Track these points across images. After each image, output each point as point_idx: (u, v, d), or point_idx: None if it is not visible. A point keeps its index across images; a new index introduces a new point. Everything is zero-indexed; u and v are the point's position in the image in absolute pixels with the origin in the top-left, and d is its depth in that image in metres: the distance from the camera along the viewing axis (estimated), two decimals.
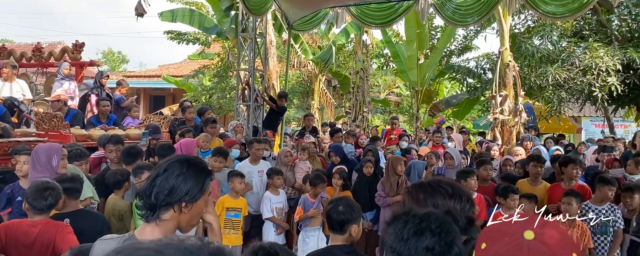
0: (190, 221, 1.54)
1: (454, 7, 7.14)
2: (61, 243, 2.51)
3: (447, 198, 1.44)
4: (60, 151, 3.37)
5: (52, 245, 2.53)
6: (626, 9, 9.94)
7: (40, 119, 5.65)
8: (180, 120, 7.23)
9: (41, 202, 2.63)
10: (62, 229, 2.62)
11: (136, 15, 7.15)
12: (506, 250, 1.08)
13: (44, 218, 2.66)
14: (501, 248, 1.09)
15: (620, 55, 9.19)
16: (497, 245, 1.10)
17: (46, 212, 2.68)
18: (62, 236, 2.54)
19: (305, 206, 4.64)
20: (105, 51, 35.52)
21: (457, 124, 18.54)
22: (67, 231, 2.62)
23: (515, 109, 9.47)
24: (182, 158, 1.54)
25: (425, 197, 1.46)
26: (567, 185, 4.48)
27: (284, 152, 5.73)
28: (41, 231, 2.58)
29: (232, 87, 14.70)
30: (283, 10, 8.14)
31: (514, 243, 1.08)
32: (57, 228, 2.61)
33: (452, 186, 1.51)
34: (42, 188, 2.66)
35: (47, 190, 2.66)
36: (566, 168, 4.55)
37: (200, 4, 14.77)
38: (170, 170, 1.48)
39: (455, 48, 15.43)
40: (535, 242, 1.07)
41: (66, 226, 2.67)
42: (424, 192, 1.48)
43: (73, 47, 8.60)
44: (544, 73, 9.48)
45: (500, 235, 1.12)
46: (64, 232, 2.59)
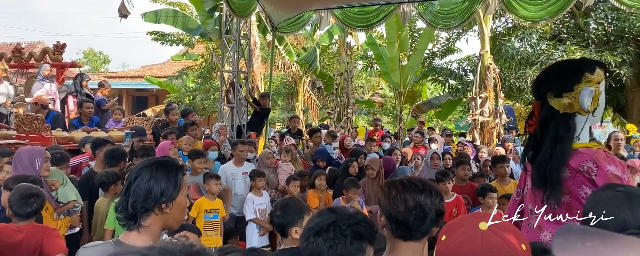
0: (176, 218, 1.57)
1: (436, 11, 7.26)
2: (49, 247, 2.50)
3: (417, 194, 1.53)
4: (43, 154, 3.36)
5: (39, 249, 2.52)
6: (602, 12, 10.22)
7: (21, 121, 5.59)
8: (163, 121, 7.20)
9: (25, 209, 2.61)
10: (50, 233, 2.60)
11: (120, 16, 7.10)
12: (462, 239, 1.18)
13: (28, 223, 2.64)
14: (458, 238, 1.19)
15: (596, 57, 9.44)
16: (455, 236, 1.20)
17: (30, 218, 2.66)
18: (50, 240, 2.53)
19: None
20: (86, 51, 35.04)
21: (440, 125, 18.76)
22: (54, 235, 2.61)
23: (496, 111, 9.66)
24: (149, 162, 1.55)
25: (397, 194, 1.54)
26: None
27: (265, 154, 5.76)
28: (27, 236, 2.56)
29: (216, 88, 14.66)
30: (267, 12, 8.16)
31: (470, 232, 1.18)
32: (44, 231, 2.60)
33: (422, 182, 1.59)
34: (27, 194, 2.64)
35: (32, 196, 2.64)
36: None
37: (183, 5, 14.69)
38: (141, 176, 1.49)
39: (438, 50, 15.63)
40: (488, 232, 1.16)
41: (53, 229, 2.66)
42: (395, 189, 1.55)
43: (54, 47, 8.50)
44: (523, 75, 9.70)
45: (458, 227, 1.22)
46: (52, 236, 2.58)
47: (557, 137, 2.32)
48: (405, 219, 1.51)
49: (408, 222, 1.51)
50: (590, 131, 2.48)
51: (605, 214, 1.33)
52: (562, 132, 2.31)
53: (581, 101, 2.29)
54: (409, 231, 1.52)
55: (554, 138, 2.33)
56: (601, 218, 1.34)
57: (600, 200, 1.39)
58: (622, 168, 2.17)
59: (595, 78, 2.31)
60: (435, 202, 1.53)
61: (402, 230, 1.53)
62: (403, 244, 1.54)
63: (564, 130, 2.31)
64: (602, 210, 1.35)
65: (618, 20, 9.90)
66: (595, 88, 2.29)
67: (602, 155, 2.22)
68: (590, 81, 2.30)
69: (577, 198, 2.21)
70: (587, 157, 2.22)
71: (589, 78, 2.30)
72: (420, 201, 1.52)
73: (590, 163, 2.19)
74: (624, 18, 9.71)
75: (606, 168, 2.16)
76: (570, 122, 2.30)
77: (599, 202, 1.39)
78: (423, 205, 1.51)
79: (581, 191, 2.20)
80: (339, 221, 1.47)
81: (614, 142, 6.16)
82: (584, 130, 2.35)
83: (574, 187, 2.22)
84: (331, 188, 5.44)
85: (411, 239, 1.53)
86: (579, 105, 2.29)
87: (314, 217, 1.53)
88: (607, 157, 2.22)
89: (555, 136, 2.32)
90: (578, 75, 2.32)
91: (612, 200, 1.36)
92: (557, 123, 2.33)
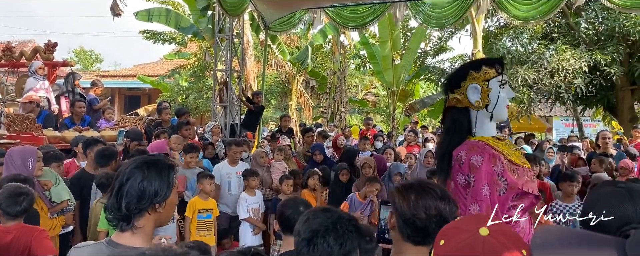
0: (167, 215, 1.57)
1: (428, 10, 7.29)
2: (37, 248, 2.49)
3: (438, 200, 1.49)
4: (36, 153, 3.34)
5: (28, 250, 2.50)
6: (593, 12, 10.30)
7: (12, 121, 5.55)
8: (156, 121, 7.17)
9: (15, 208, 2.60)
10: (38, 234, 2.58)
11: (112, 15, 7.07)
12: (463, 245, 1.15)
13: (17, 224, 2.62)
14: (458, 244, 1.16)
15: (587, 57, 9.52)
16: (454, 241, 1.17)
17: (20, 217, 2.65)
18: (39, 241, 2.51)
19: (352, 205, 4.67)
20: (77, 50, 34.77)
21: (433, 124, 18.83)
22: (43, 236, 2.59)
23: None
24: (140, 161, 1.53)
25: (417, 198, 1.50)
26: None
27: (258, 154, 5.76)
28: (16, 237, 2.54)
29: (208, 87, 14.63)
30: (259, 11, 8.16)
31: (470, 238, 1.15)
32: (32, 233, 2.58)
33: (440, 188, 1.56)
34: (16, 193, 2.63)
35: (21, 195, 2.63)
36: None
37: (176, 4, 14.64)
38: (133, 177, 1.47)
39: (430, 49, 15.68)
40: (489, 238, 1.13)
41: (42, 230, 2.64)
42: (415, 193, 1.51)
43: (45, 46, 8.43)
44: (514, 74, 9.75)
45: (457, 232, 1.19)
46: (40, 237, 2.56)
47: (446, 129, 2.61)
48: (426, 226, 1.48)
49: (428, 229, 1.47)
50: (510, 127, 2.72)
51: (606, 211, 1.31)
52: (448, 124, 2.59)
53: (468, 97, 2.50)
54: (427, 238, 1.49)
55: (444, 130, 2.64)
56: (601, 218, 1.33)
57: (601, 197, 1.38)
58: (486, 159, 2.34)
59: (481, 76, 2.50)
60: (453, 209, 1.51)
61: (420, 236, 1.50)
62: (413, 248, 1.52)
63: (450, 123, 2.57)
64: (603, 207, 1.33)
65: (608, 19, 9.98)
66: (482, 85, 2.49)
67: (476, 146, 2.40)
68: (475, 78, 2.50)
69: (457, 184, 2.43)
70: (464, 148, 2.42)
71: (473, 76, 2.51)
72: (441, 209, 1.48)
73: (462, 153, 2.40)
74: (614, 17, 9.79)
75: (470, 159, 2.36)
76: (457, 116, 2.54)
77: (599, 199, 1.38)
78: (443, 213, 1.48)
79: (458, 177, 2.42)
80: (341, 219, 1.48)
81: (602, 140, 6.24)
82: (480, 124, 2.52)
83: (454, 173, 2.45)
84: (325, 186, 5.46)
85: (421, 244, 1.51)
86: (468, 100, 2.50)
87: (311, 219, 1.50)
88: (479, 148, 2.39)
89: (445, 128, 2.62)
90: (463, 73, 2.56)
91: (613, 196, 1.35)
92: (448, 117, 2.60)
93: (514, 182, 2.32)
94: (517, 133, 12.39)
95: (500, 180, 2.32)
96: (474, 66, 2.57)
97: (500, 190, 2.31)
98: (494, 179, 2.32)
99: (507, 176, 2.32)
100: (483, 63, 2.56)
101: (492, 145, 2.41)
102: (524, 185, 2.36)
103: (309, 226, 1.48)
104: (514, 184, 2.31)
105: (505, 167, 2.34)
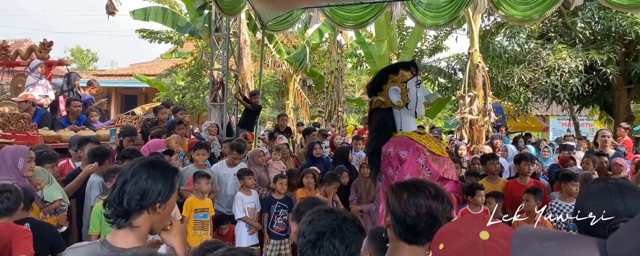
0: (162, 220, 1.57)
1: (424, 9, 7.29)
2: (16, 248, 2.43)
3: (430, 199, 1.49)
4: (27, 153, 3.31)
5: (8, 249, 2.45)
6: (589, 11, 10.32)
7: (7, 120, 5.51)
8: (152, 120, 7.14)
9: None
10: (19, 234, 2.52)
11: (107, 13, 7.05)
12: (464, 250, 1.13)
13: (3, 222, 2.57)
14: (459, 249, 1.14)
15: (583, 56, 9.54)
16: (455, 246, 1.15)
17: (5, 216, 2.60)
18: (18, 241, 2.46)
19: None
20: (73, 49, 34.66)
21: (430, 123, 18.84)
22: (24, 236, 2.53)
23: (484, 109, 9.72)
24: (146, 161, 1.55)
25: (409, 196, 1.51)
26: (522, 181, 4.67)
27: (256, 153, 5.74)
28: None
29: (205, 87, 14.59)
30: (256, 10, 8.13)
31: (471, 243, 1.13)
32: (13, 232, 2.52)
33: (434, 187, 1.55)
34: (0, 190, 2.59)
35: (4, 192, 2.59)
36: (519, 164, 4.77)
37: (173, 3, 14.60)
38: (138, 174, 1.49)
39: (427, 48, 15.69)
40: (490, 242, 1.12)
41: (25, 230, 2.59)
42: (407, 191, 1.52)
43: (41, 45, 8.37)
44: (511, 73, 9.76)
45: (457, 236, 1.17)
46: (21, 237, 2.50)
47: (373, 128, 2.90)
48: (416, 224, 1.48)
49: (418, 228, 1.48)
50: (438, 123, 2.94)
51: (597, 206, 1.33)
52: (375, 124, 2.88)
53: (390, 98, 2.79)
54: (417, 237, 1.49)
55: (372, 129, 2.93)
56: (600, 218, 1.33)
57: (591, 192, 1.40)
58: (411, 153, 2.63)
59: (399, 78, 2.79)
60: (446, 209, 1.50)
61: (410, 234, 1.50)
62: (407, 247, 1.52)
63: (376, 122, 2.86)
64: (594, 202, 1.35)
65: (605, 19, 10.00)
66: (401, 86, 2.78)
67: (402, 142, 2.68)
68: (394, 81, 2.79)
69: (387, 176, 2.72)
70: (392, 143, 2.70)
71: (393, 79, 2.80)
72: (432, 207, 1.48)
73: (391, 148, 2.68)
74: (610, 17, 9.81)
75: (398, 153, 2.64)
76: (382, 116, 2.83)
77: (590, 194, 1.39)
78: (435, 211, 1.48)
79: (388, 171, 2.70)
80: (346, 221, 1.47)
81: (601, 138, 6.27)
82: (404, 121, 2.83)
83: (384, 167, 2.73)
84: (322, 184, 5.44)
85: (416, 244, 1.51)
86: (390, 101, 2.78)
87: (315, 220, 1.48)
88: (404, 143, 2.68)
89: (373, 127, 2.91)
90: (384, 77, 2.84)
91: (604, 192, 1.37)
92: (374, 117, 2.89)
93: (436, 170, 2.63)
94: (514, 133, 12.41)
95: (424, 170, 2.62)
96: (392, 70, 2.85)
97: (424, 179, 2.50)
98: (418, 169, 2.61)
99: (430, 166, 2.63)
100: (400, 67, 2.86)
101: (416, 140, 2.70)
102: (445, 173, 2.68)
103: (313, 227, 1.45)
104: (436, 173, 2.62)
105: (428, 158, 2.64)
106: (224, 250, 1.60)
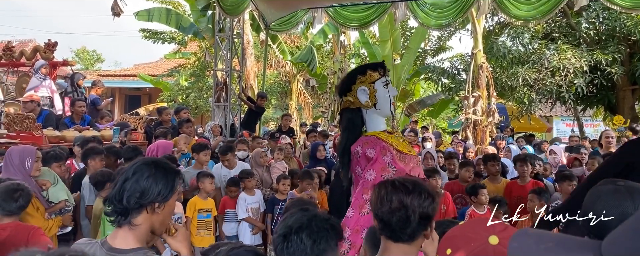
0: (163, 222, 1.57)
1: (427, 9, 7.28)
2: (36, 246, 2.47)
3: (404, 194, 1.51)
4: (34, 153, 3.33)
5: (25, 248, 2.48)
6: (594, 12, 10.28)
7: (12, 120, 5.54)
8: (156, 120, 7.16)
9: (11, 204, 2.59)
10: (35, 232, 2.57)
11: (113, 15, 7.06)
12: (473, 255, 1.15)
13: (13, 221, 2.61)
14: (469, 254, 1.15)
15: (588, 57, 9.50)
16: (464, 251, 1.16)
17: (16, 215, 2.64)
18: (36, 238, 2.50)
19: None
20: (78, 49, 34.76)
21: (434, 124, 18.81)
22: (40, 233, 2.57)
23: (488, 109, 9.71)
24: (149, 160, 1.57)
25: (385, 193, 1.54)
26: (522, 181, 4.67)
27: (258, 153, 5.75)
28: (11, 235, 2.51)
29: (209, 87, 14.61)
30: (260, 10, 8.15)
31: (480, 248, 1.14)
32: (29, 231, 2.56)
33: (415, 183, 1.57)
34: (12, 189, 2.62)
35: (17, 191, 2.62)
36: (519, 166, 4.77)
37: (176, 4, 14.62)
38: (139, 172, 1.49)
39: (430, 49, 15.66)
40: (500, 247, 1.13)
41: (38, 229, 2.63)
42: (385, 189, 1.55)
43: (45, 46, 8.43)
44: (515, 73, 9.73)
45: (466, 241, 1.18)
46: (37, 235, 2.54)
47: (343, 128, 3.02)
48: (388, 220, 1.51)
49: (391, 223, 1.50)
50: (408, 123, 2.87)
51: (606, 209, 1.32)
52: (344, 124, 2.99)
53: (359, 98, 2.87)
54: (394, 233, 1.51)
55: (342, 129, 3.04)
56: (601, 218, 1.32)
57: (601, 195, 1.38)
58: (378, 151, 2.72)
59: (367, 78, 2.89)
60: (423, 204, 1.50)
61: (386, 230, 1.53)
62: (394, 245, 1.53)
63: (346, 122, 2.97)
64: (603, 205, 1.34)
65: (609, 19, 9.96)
66: (369, 87, 2.87)
67: (369, 141, 2.78)
68: (362, 81, 2.88)
69: (356, 175, 2.82)
70: (360, 143, 2.80)
71: (361, 79, 2.89)
72: (406, 202, 1.50)
73: (359, 148, 2.78)
74: (615, 17, 9.78)
75: (366, 152, 2.74)
76: (351, 116, 2.94)
77: (600, 197, 1.38)
78: (408, 206, 1.49)
79: (356, 169, 2.81)
80: (316, 217, 1.48)
81: (605, 139, 6.22)
82: (372, 121, 2.94)
83: (353, 166, 2.84)
84: (327, 184, 5.45)
85: (400, 241, 1.52)
86: (359, 101, 2.87)
87: (288, 217, 1.51)
88: (371, 142, 2.76)
89: (343, 127, 3.02)
90: (353, 78, 2.94)
91: (613, 194, 1.35)
92: (344, 117, 3.00)
93: (402, 168, 2.72)
94: (518, 133, 12.37)
95: (389, 168, 2.70)
96: (360, 71, 2.96)
97: (389, 176, 2.60)
98: (384, 167, 2.70)
99: (396, 164, 2.71)
100: (368, 68, 2.96)
101: (383, 138, 2.79)
102: (412, 170, 2.76)
103: (285, 223, 1.49)
104: (402, 170, 2.70)
105: (394, 156, 2.73)
106: (228, 248, 1.62)
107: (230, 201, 4.83)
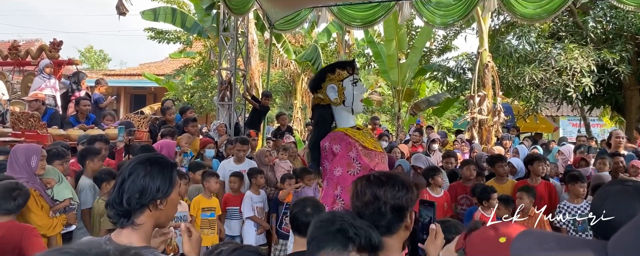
0: (168, 216, 1.57)
1: (433, 8, 7.24)
2: (28, 246, 2.44)
3: (377, 187, 1.54)
4: (40, 152, 3.33)
5: (18, 248, 2.46)
6: (601, 10, 10.19)
7: (17, 119, 5.55)
8: (161, 119, 7.17)
9: (9, 203, 2.58)
10: (29, 232, 2.55)
11: (118, 14, 7.06)
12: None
13: (9, 220, 2.60)
14: None
15: (595, 56, 9.42)
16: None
17: (13, 213, 2.63)
18: (29, 240, 2.48)
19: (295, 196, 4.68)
20: (85, 49, 34.91)
21: (439, 123, 18.75)
22: (34, 234, 2.56)
23: (494, 109, 9.65)
24: (143, 158, 1.55)
25: (361, 188, 1.59)
26: (534, 182, 4.61)
27: (262, 153, 5.73)
28: (5, 235, 2.50)
29: (214, 86, 14.62)
30: (264, 9, 8.13)
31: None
32: (22, 231, 2.54)
33: (390, 176, 1.60)
34: (10, 188, 2.62)
35: (16, 190, 2.62)
36: (532, 165, 4.71)
37: (181, 3, 14.65)
38: (135, 172, 1.48)
39: (435, 48, 15.60)
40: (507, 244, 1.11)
41: (32, 229, 2.62)
42: (361, 184, 1.60)
43: (51, 45, 8.44)
44: (521, 73, 9.66)
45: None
46: (31, 235, 2.53)
47: (314, 124, 3.15)
48: (363, 213, 1.53)
49: (364, 216, 1.52)
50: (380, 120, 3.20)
51: (614, 209, 1.31)
52: (315, 119, 3.12)
53: (328, 95, 2.99)
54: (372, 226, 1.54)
55: (313, 125, 3.18)
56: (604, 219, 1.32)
57: (609, 195, 1.38)
58: (343, 147, 2.84)
59: (336, 76, 3.00)
60: (397, 195, 1.52)
61: None
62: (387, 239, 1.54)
63: (316, 118, 3.10)
64: (611, 205, 1.33)
65: (616, 18, 9.87)
66: (337, 84, 2.98)
67: (337, 137, 2.89)
68: (331, 79, 3.00)
69: (324, 169, 2.96)
70: (328, 138, 2.90)
71: (330, 77, 3.00)
72: (378, 194, 1.52)
73: (327, 143, 2.89)
74: (622, 16, 9.69)
75: (332, 147, 2.86)
76: (321, 112, 3.05)
77: (608, 197, 1.37)
78: (380, 198, 1.51)
79: (325, 164, 2.93)
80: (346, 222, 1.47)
81: (615, 139, 6.14)
82: (342, 118, 3.05)
83: (322, 161, 2.95)
84: None
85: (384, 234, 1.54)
86: (328, 98, 2.99)
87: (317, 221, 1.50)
88: (338, 138, 2.88)
89: (314, 123, 3.15)
90: (322, 76, 3.05)
91: (621, 194, 1.34)
92: (314, 113, 3.12)
93: (366, 164, 2.80)
94: (525, 133, 12.29)
95: (354, 163, 2.81)
96: (329, 69, 3.07)
97: (354, 172, 2.76)
98: (348, 162, 2.80)
99: (361, 159, 2.81)
100: (337, 66, 3.08)
101: (350, 135, 2.90)
102: (376, 166, 2.83)
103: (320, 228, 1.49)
104: (366, 165, 2.78)
105: (360, 152, 2.83)
106: (229, 248, 1.60)
107: (233, 198, 4.82)
